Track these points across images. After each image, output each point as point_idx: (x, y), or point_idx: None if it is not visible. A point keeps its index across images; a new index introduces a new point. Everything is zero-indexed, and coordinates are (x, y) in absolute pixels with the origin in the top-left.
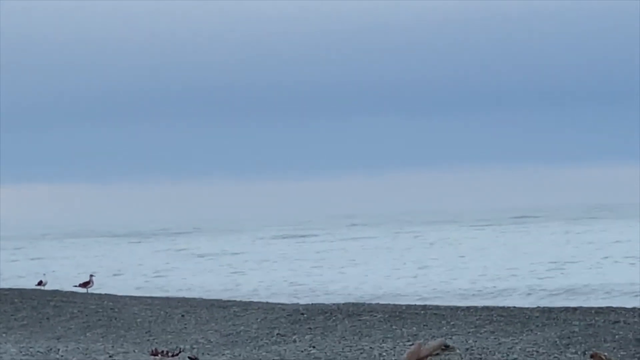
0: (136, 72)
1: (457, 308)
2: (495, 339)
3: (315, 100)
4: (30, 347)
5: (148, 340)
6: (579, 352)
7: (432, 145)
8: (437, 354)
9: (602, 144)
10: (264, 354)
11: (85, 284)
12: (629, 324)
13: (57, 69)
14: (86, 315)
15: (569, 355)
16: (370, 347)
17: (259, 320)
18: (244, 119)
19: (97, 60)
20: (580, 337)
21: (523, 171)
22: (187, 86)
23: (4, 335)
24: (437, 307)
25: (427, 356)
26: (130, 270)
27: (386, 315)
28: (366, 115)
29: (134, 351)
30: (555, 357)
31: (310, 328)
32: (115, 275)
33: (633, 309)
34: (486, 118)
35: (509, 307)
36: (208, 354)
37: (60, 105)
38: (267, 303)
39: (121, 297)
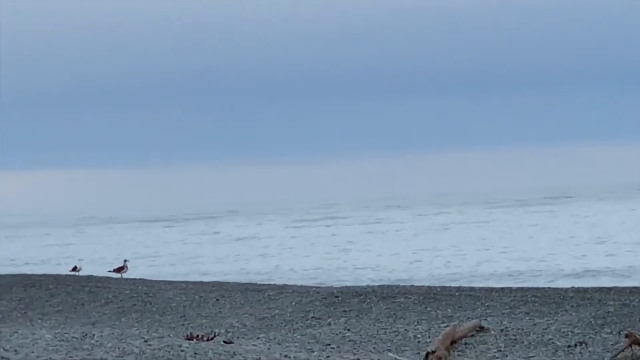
0: (163, 57)
1: (492, 289)
2: (530, 319)
3: (336, 83)
4: (65, 333)
5: (183, 324)
6: (614, 332)
7: (456, 127)
8: (472, 335)
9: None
10: (298, 337)
11: (119, 269)
12: None
13: (85, 56)
14: (121, 301)
15: (603, 335)
16: (405, 329)
17: (293, 303)
18: (271, 103)
19: (125, 46)
20: (615, 317)
21: (552, 151)
22: (212, 72)
23: (39, 321)
24: (472, 289)
25: (462, 337)
26: (164, 255)
27: (421, 297)
28: (392, 96)
29: (169, 336)
30: (590, 337)
31: (344, 311)
32: (149, 260)
33: None
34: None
35: (543, 288)
36: (243, 338)
37: (95, 91)
38: (302, 286)
39: (155, 282)
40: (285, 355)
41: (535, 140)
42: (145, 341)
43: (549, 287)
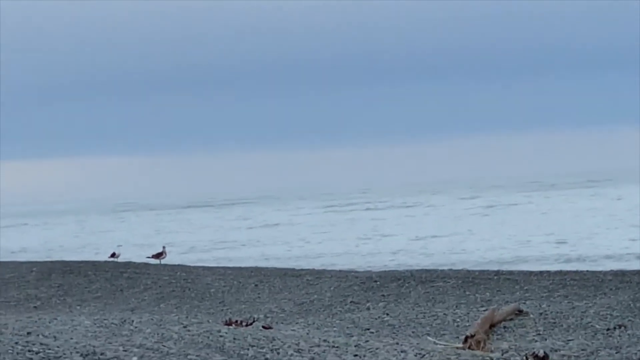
0: (210, 42)
1: (530, 273)
2: (568, 303)
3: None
4: (105, 319)
5: (222, 310)
6: None
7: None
8: (511, 319)
9: None
10: (337, 321)
11: (158, 255)
12: None
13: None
14: (159, 287)
15: None
16: (444, 313)
17: (332, 288)
18: (304, 88)
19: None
20: None
21: (590, 133)
22: (240, 57)
23: (78, 307)
24: (510, 272)
25: (500, 321)
26: (203, 240)
27: (459, 281)
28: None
29: (208, 321)
30: (629, 320)
31: (383, 295)
32: (187, 245)
33: None
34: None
35: (582, 271)
36: (282, 323)
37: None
38: (340, 271)
39: (194, 267)
40: (324, 340)
41: (571, 123)
42: (184, 327)
43: (587, 270)
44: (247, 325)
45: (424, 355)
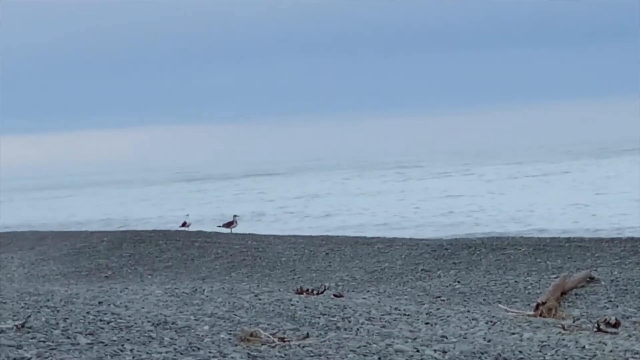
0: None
1: (602, 240)
2: None
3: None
4: (176, 288)
5: (293, 278)
6: None
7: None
8: (582, 286)
9: None
10: (408, 289)
11: (229, 224)
12: None
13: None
14: (230, 255)
15: None
16: (515, 281)
17: (403, 256)
18: (357, 56)
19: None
20: None
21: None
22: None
23: (149, 277)
24: (582, 239)
25: (572, 289)
26: (272, 209)
27: (530, 249)
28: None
29: (279, 290)
30: None
31: (454, 263)
32: (257, 214)
33: None
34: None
35: None
36: (353, 291)
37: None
38: (411, 239)
39: (265, 236)
40: (396, 308)
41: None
42: (256, 295)
43: None
44: (318, 294)
45: (495, 322)
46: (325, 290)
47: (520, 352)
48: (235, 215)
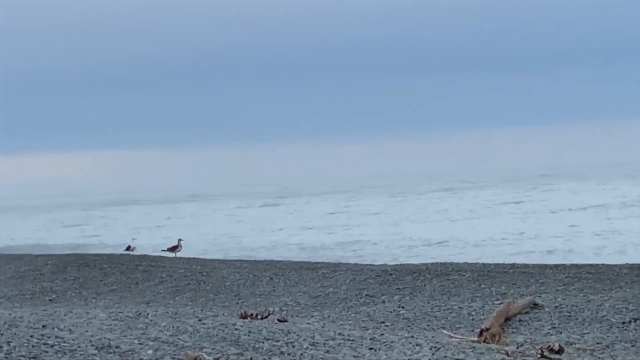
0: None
1: (546, 266)
2: (584, 296)
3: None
4: (120, 312)
5: (237, 303)
6: None
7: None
8: (526, 312)
9: None
10: (352, 314)
11: (173, 249)
12: None
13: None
14: (175, 280)
15: None
16: (459, 307)
17: (347, 281)
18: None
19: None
20: None
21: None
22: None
23: (93, 300)
24: (526, 266)
25: (516, 314)
26: (217, 233)
27: (474, 275)
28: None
29: (223, 314)
30: None
31: (398, 288)
32: (204, 238)
33: None
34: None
35: (597, 265)
36: (297, 316)
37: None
38: (356, 264)
39: (209, 260)
40: (340, 333)
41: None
42: (200, 320)
43: (602, 264)
44: (262, 319)
45: (439, 348)
46: (269, 314)
47: None
48: (180, 239)
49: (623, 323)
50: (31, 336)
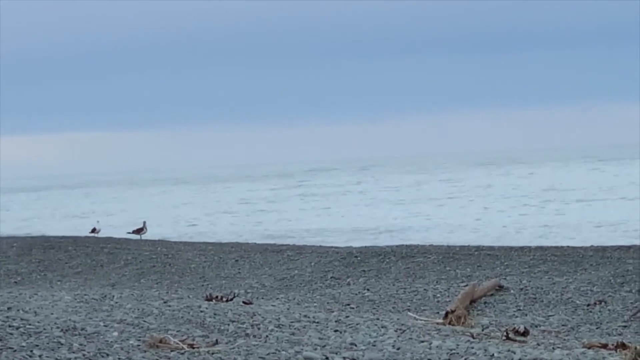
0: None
1: (511, 248)
2: (549, 278)
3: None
4: (85, 294)
5: (202, 285)
6: (634, 290)
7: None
8: (492, 294)
9: None
10: (318, 297)
11: (138, 231)
12: None
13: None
14: (140, 262)
15: (623, 293)
16: (424, 289)
17: (312, 263)
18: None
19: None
20: (634, 275)
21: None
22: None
23: (58, 282)
24: (491, 248)
25: (481, 297)
26: (185, 216)
27: (440, 257)
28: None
29: (189, 297)
30: (609, 295)
31: (364, 270)
32: (170, 221)
33: None
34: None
35: (562, 247)
36: (262, 298)
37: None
38: (321, 247)
39: (175, 243)
40: (305, 316)
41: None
42: (165, 302)
43: (567, 246)
44: (227, 301)
45: (405, 330)
46: (234, 297)
47: (429, 359)
48: (144, 221)
49: (588, 305)
50: None
